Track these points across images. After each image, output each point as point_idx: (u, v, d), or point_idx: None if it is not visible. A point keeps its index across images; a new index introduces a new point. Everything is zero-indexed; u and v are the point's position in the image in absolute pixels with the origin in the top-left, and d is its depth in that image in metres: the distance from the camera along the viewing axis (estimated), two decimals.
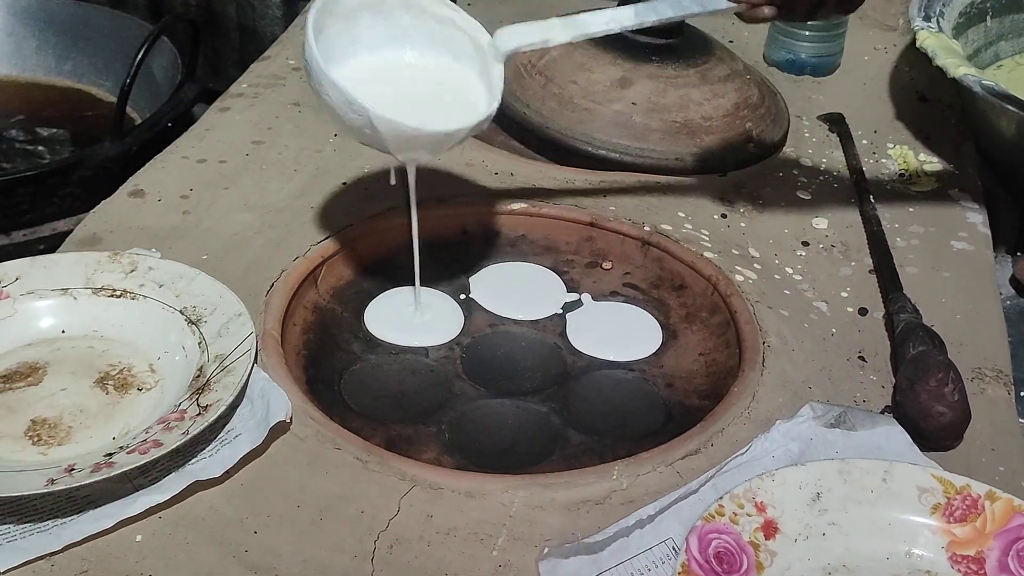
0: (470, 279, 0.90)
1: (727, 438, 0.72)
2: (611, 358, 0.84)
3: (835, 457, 0.70)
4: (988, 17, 1.19)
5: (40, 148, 1.32)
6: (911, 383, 0.74)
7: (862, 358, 0.81)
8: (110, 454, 0.67)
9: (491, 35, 0.79)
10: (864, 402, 0.77)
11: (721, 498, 0.65)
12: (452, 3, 0.80)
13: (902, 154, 1.07)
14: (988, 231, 0.97)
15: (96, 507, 0.65)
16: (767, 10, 0.76)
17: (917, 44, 1.05)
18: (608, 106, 1.00)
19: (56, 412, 0.72)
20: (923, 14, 1.09)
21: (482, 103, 0.78)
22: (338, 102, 0.73)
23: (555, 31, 0.79)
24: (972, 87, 0.97)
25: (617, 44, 1.03)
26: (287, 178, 0.98)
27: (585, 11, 0.79)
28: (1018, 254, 1.02)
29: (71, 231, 0.90)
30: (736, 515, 0.65)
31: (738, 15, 0.77)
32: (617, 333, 0.86)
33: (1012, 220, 1.05)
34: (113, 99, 1.22)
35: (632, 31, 1.02)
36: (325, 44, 0.75)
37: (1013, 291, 0.96)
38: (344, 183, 0.97)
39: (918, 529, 0.66)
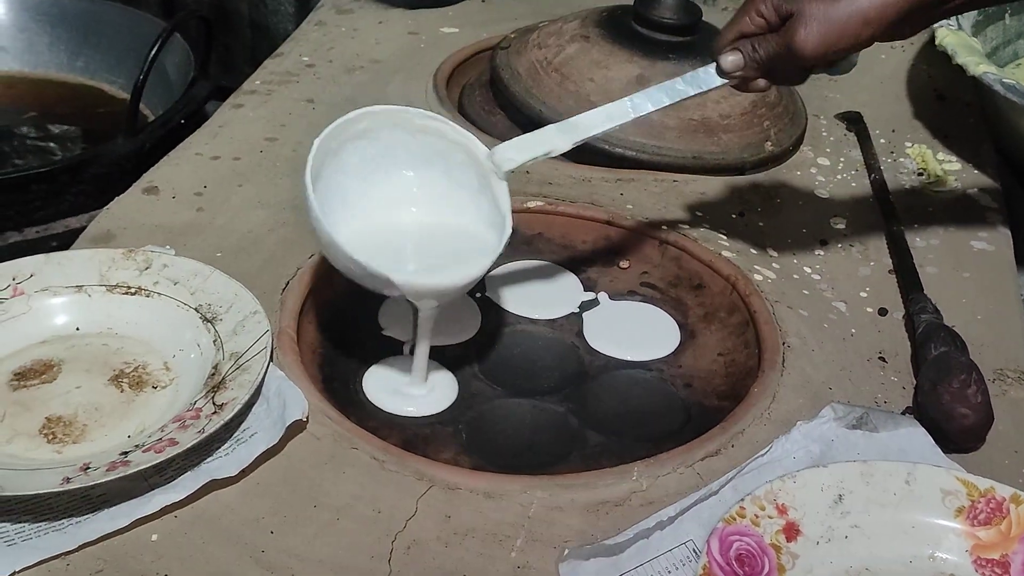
0: (486, 278, 0.89)
1: (747, 439, 0.72)
2: (629, 358, 0.83)
3: (857, 459, 0.69)
4: (1007, 15, 1.18)
5: (52, 145, 1.31)
6: (933, 384, 0.74)
7: (882, 359, 0.81)
8: (125, 452, 0.66)
9: (488, 148, 0.76)
10: (885, 403, 0.76)
11: (742, 500, 0.65)
12: (439, 116, 0.77)
13: (920, 153, 1.06)
14: (1008, 230, 0.96)
15: (111, 506, 0.64)
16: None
17: (936, 42, 1.04)
18: None
19: (71, 410, 0.72)
20: None
21: (494, 236, 0.74)
22: (354, 270, 0.71)
23: (555, 141, 0.76)
24: (992, 86, 0.97)
25: (634, 42, 1.03)
26: (301, 174, 0.97)
27: (579, 114, 0.77)
28: None
29: (84, 228, 0.89)
30: (757, 517, 0.64)
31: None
32: (635, 333, 0.85)
33: None
34: (125, 96, 1.21)
35: (647, 27, 1.03)
36: (322, 192, 0.72)
37: None
38: None
39: (942, 532, 0.65)
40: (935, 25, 1.05)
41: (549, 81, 1.02)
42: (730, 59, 0.75)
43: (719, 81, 0.76)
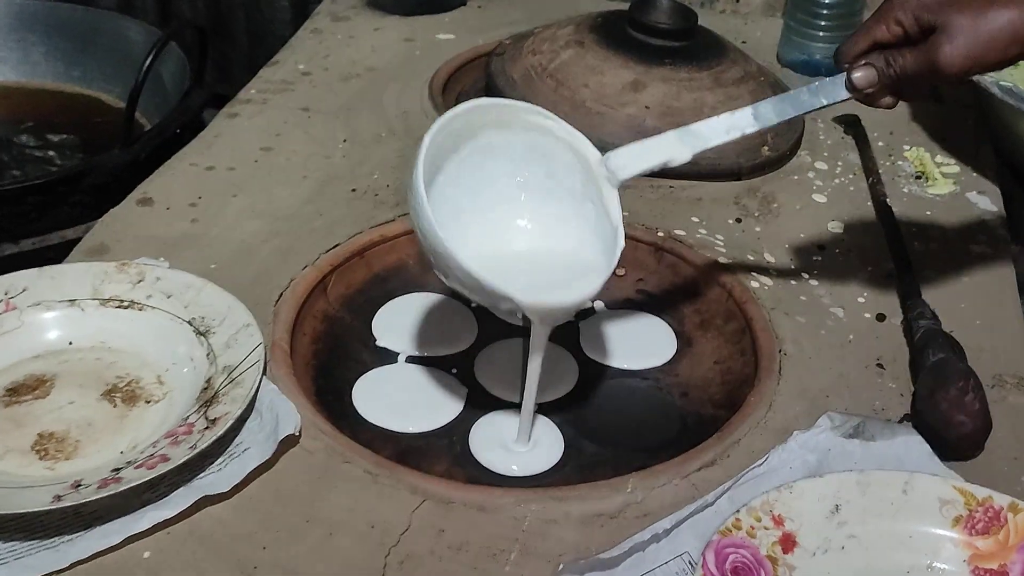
0: None
1: (743, 449, 0.71)
2: (624, 366, 0.82)
3: (854, 468, 0.68)
4: None
5: (51, 154, 1.31)
6: (931, 392, 0.73)
7: (880, 365, 0.80)
8: (117, 469, 0.66)
9: (600, 152, 0.71)
10: (883, 411, 0.76)
11: (738, 511, 0.64)
12: (548, 113, 0.71)
13: (918, 156, 1.05)
14: (1007, 234, 0.95)
15: (104, 523, 0.64)
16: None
17: None
18: (621, 110, 0.99)
19: (63, 426, 0.71)
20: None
21: (603, 249, 0.70)
22: (469, 284, 0.65)
23: (675, 149, 0.71)
24: (989, 89, 0.96)
25: (629, 47, 1.02)
26: (296, 185, 0.97)
27: (700, 121, 0.73)
28: None
29: (80, 239, 0.89)
30: (753, 528, 0.64)
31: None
32: (630, 341, 0.84)
33: None
34: (122, 105, 1.21)
35: (642, 32, 1.03)
36: (433, 201, 0.65)
37: None
38: (353, 190, 0.96)
39: (939, 542, 0.65)
40: None
41: (544, 87, 1.01)
42: (861, 75, 0.70)
43: (845, 95, 0.72)
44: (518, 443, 0.73)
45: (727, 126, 0.73)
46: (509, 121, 0.70)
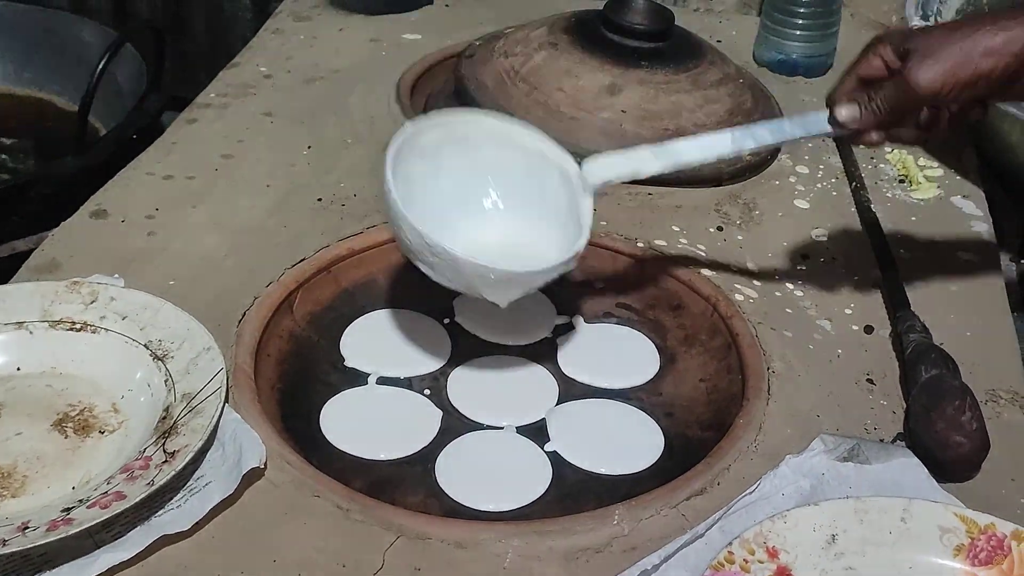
0: (454, 302, 0.85)
1: (734, 475, 0.68)
2: (606, 385, 0.79)
3: (849, 494, 0.65)
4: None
5: (3, 157, 1.27)
6: (926, 410, 0.70)
7: (870, 381, 0.77)
8: (68, 509, 0.61)
9: (578, 165, 0.74)
10: (875, 429, 0.73)
11: (730, 543, 0.61)
12: (541, 133, 0.75)
13: (901, 159, 1.02)
14: (995, 241, 0.93)
15: (54, 567, 0.60)
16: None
17: None
18: (596, 114, 0.95)
19: (10, 459, 0.67)
20: (921, 12, 1.05)
21: (569, 240, 0.73)
22: (417, 245, 0.69)
23: (647, 162, 0.74)
24: None
25: (604, 49, 0.99)
26: (259, 194, 0.93)
27: (676, 139, 0.75)
28: (1022, 261, 0.99)
29: (31, 251, 0.85)
30: (747, 562, 0.61)
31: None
32: (611, 358, 0.81)
33: (1016, 226, 1.02)
34: (75, 108, 1.16)
35: (618, 33, 0.99)
36: (404, 180, 0.70)
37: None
38: (319, 199, 0.92)
39: (941, 573, 0.62)
40: (914, 25, 1.02)
41: (517, 92, 0.98)
42: (845, 111, 0.71)
43: (828, 129, 0.72)
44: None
45: (702, 146, 0.75)
46: (505, 140, 0.75)
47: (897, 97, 0.69)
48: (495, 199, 0.77)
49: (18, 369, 0.73)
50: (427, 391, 0.77)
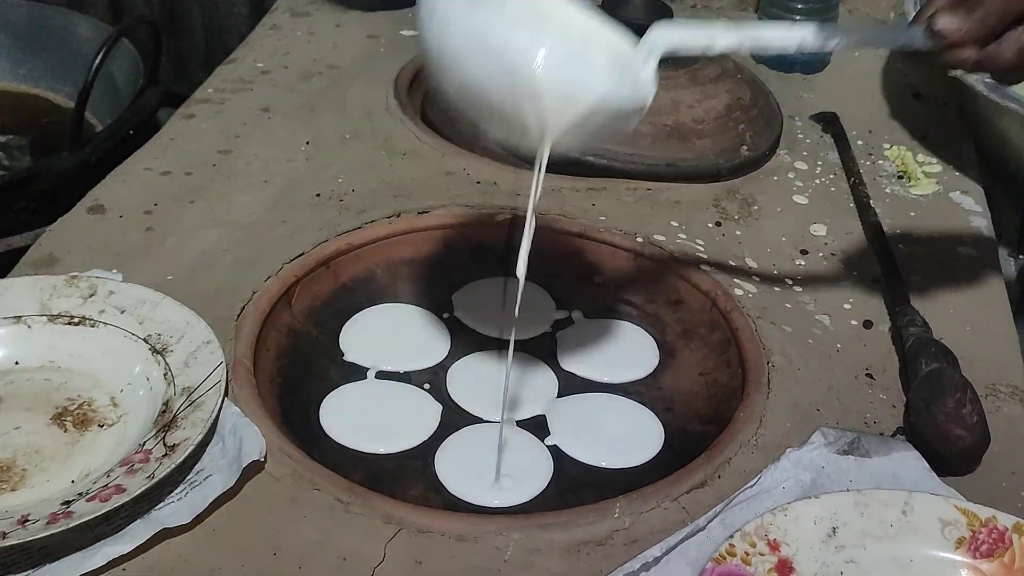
0: (453, 296, 0.85)
1: (734, 469, 0.68)
2: (605, 380, 0.79)
3: (850, 487, 0.65)
4: None
5: None
6: (926, 404, 0.70)
7: (870, 375, 0.77)
8: (68, 502, 0.61)
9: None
10: (875, 423, 0.73)
11: (731, 536, 0.61)
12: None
13: (900, 155, 1.02)
14: (994, 236, 0.93)
15: (54, 560, 0.59)
16: (970, 52, 0.64)
17: None
18: None
19: (9, 453, 0.67)
20: (919, 8, 1.04)
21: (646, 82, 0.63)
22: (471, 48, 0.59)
23: (721, 35, 0.65)
24: (974, 86, 0.93)
25: None
26: (257, 190, 0.92)
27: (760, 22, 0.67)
28: (1020, 256, 0.99)
29: (27, 247, 0.85)
30: (748, 555, 0.60)
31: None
32: (611, 352, 0.81)
33: (1015, 221, 1.02)
34: (72, 105, 1.16)
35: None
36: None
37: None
38: (318, 194, 0.91)
39: (942, 566, 0.62)
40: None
41: None
42: (945, 19, 0.63)
43: (920, 40, 0.64)
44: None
45: (784, 29, 0.66)
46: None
47: (1004, 5, 0.62)
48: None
49: (16, 363, 0.73)
50: (426, 385, 0.77)
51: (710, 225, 0.91)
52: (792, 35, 0.66)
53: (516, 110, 0.60)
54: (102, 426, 0.69)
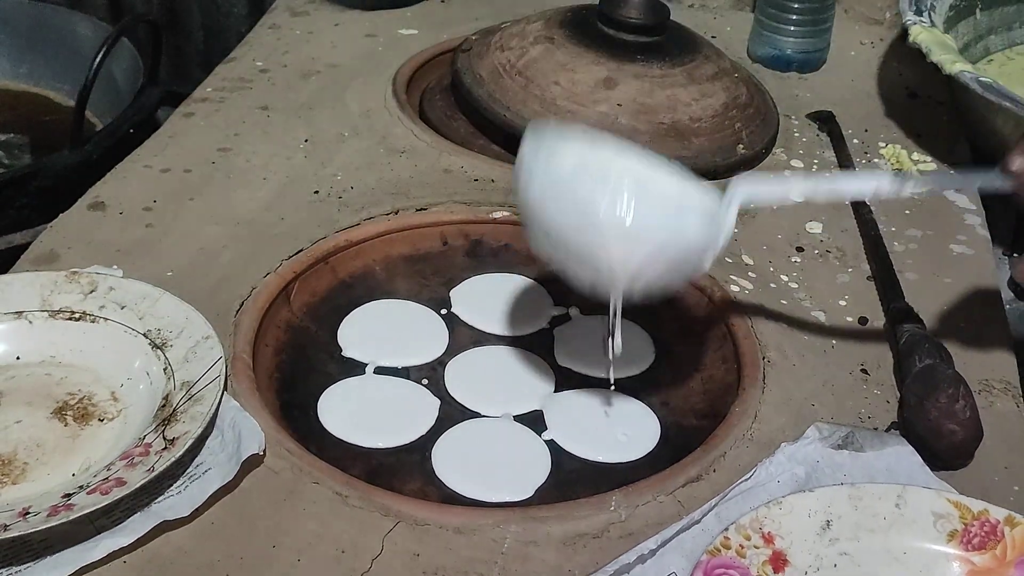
0: (451, 293, 0.85)
1: (729, 463, 0.68)
2: (602, 375, 0.79)
3: (844, 481, 0.66)
4: (978, 10, 1.16)
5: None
6: (919, 399, 0.71)
7: (864, 371, 0.78)
8: (68, 495, 0.62)
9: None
10: (869, 419, 0.73)
11: (726, 529, 0.62)
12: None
13: (895, 153, 1.03)
14: (987, 233, 0.93)
15: (54, 552, 0.60)
16: None
17: (909, 39, 1.01)
18: (592, 108, 0.96)
19: (10, 447, 0.67)
20: (914, 8, 1.05)
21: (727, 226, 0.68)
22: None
23: (796, 187, 0.71)
24: (969, 85, 0.94)
25: (600, 43, 0.99)
26: (256, 187, 0.93)
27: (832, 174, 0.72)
28: (1015, 255, 0.99)
29: (28, 245, 0.85)
30: (743, 547, 0.61)
31: (1016, 196, 0.71)
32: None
33: (1008, 219, 1.02)
34: (72, 103, 1.17)
35: (613, 28, 1.00)
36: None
37: (1012, 294, 0.93)
38: (316, 192, 0.92)
39: (934, 558, 0.63)
40: (907, 21, 1.02)
41: (513, 85, 0.98)
42: (1019, 161, 0.69)
43: (998, 181, 0.71)
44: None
45: (860, 183, 0.73)
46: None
47: None
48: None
49: (17, 358, 0.73)
50: (424, 380, 0.78)
51: None
52: (868, 185, 0.71)
53: (609, 269, 0.67)
54: (102, 420, 0.70)
